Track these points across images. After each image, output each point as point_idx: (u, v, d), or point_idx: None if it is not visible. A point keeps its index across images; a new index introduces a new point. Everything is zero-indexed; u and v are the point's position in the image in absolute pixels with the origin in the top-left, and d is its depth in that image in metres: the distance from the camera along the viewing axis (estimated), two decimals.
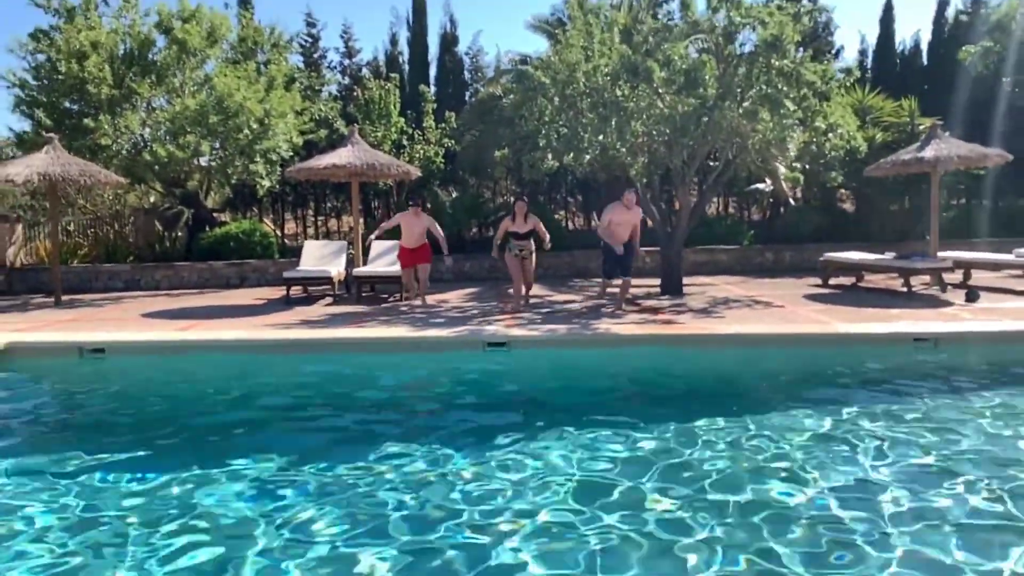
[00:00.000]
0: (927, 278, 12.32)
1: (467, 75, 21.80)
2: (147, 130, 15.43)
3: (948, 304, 10.33)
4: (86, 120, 14.37)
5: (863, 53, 22.58)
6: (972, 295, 10.67)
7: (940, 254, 12.66)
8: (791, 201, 18.18)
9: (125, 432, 5.87)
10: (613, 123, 11.14)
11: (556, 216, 20.48)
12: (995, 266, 12.71)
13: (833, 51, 21.82)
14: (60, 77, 14.81)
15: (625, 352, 8.05)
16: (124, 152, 14.66)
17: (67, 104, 15.31)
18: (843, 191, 18.65)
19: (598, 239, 10.50)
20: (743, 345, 8.11)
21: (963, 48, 19.25)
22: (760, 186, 17.34)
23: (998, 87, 18.61)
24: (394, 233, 12.26)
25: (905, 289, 11.71)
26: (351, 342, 8.50)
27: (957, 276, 12.78)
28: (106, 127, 14.13)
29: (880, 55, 21.93)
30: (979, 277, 13.06)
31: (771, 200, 18.91)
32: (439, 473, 4.64)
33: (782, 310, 9.93)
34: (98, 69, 14.52)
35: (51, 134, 13.17)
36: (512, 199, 9.01)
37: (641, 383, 7.34)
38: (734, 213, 20.96)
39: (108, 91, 14.68)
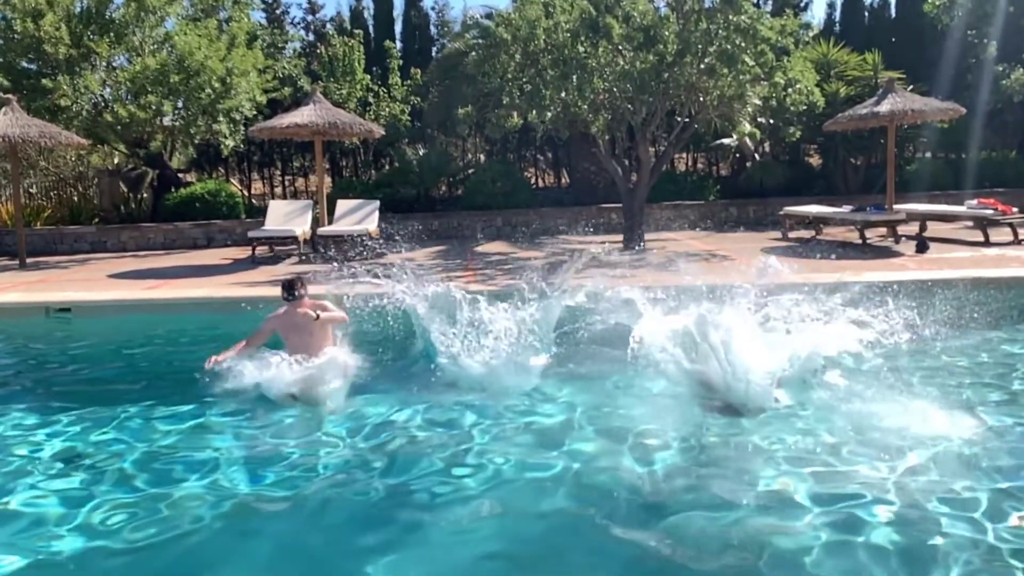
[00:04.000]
0: (883, 230, 12.58)
1: (433, 30, 21.60)
2: (107, 90, 15.23)
3: (899, 255, 10.61)
4: (44, 80, 14.13)
5: (831, 6, 22.58)
6: (922, 246, 10.96)
7: (895, 207, 12.91)
8: (756, 156, 18.34)
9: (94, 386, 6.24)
10: (574, 80, 11.20)
11: (526, 174, 20.57)
12: (948, 218, 12.99)
13: (801, 4, 21.84)
14: (16, 36, 14.52)
15: None
16: (84, 113, 14.45)
17: (24, 64, 15.05)
18: (810, 145, 18.79)
19: (565, 195, 10.35)
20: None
21: (929, 1, 19.33)
22: (726, 141, 17.44)
23: (963, 40, 18.75)
24: (354, 193, 12.14)
25: (860, 241, 11.97)
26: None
27: (914, 228, 13.04)
28: (65, 87, 13.92)
29: (848, 8, 21.94)
30: (936, 229, 13.30)
31: (737, 155, 19.05)
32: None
33: (735, 263, 10.16)
34: (54, 28, 14.22)
35: (9, 95, 12.98)
36: None
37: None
38: (703, 168, 21.08)
39: (66, 50, 14.39)
